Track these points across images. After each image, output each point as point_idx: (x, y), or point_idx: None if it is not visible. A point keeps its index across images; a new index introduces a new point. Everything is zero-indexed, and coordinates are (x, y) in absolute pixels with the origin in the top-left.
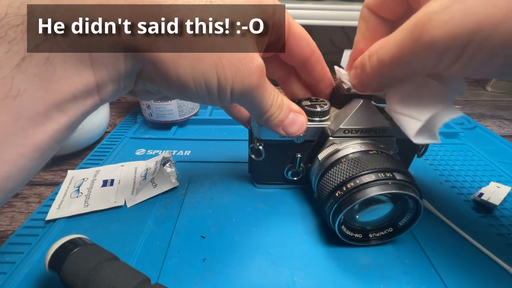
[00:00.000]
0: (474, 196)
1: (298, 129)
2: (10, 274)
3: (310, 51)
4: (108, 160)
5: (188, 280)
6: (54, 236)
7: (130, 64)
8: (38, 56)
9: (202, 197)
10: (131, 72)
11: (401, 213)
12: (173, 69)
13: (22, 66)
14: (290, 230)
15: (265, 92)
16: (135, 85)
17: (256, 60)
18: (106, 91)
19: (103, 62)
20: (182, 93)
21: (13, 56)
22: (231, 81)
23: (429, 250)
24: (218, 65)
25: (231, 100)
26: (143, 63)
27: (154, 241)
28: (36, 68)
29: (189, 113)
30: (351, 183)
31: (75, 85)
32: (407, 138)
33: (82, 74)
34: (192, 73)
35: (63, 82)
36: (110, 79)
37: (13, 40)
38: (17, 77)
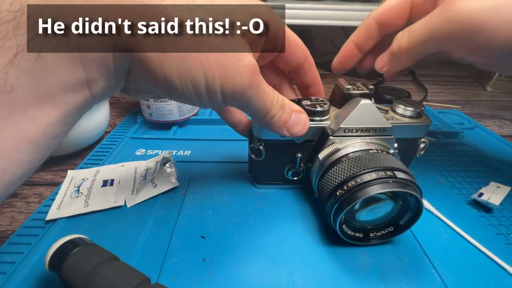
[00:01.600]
0: (474, 196)
1: (301, 129)
2: (10, 274)
3: (304, 57)
4: (108, 160)
5: (188, 280)
6: (54, 236)
7: (119, 62)
8: (30, 52)
9: (202, 197)
10: (121, 70)
11: (402, 212)
12: (159, 67)
13: (15, 62)
14: (290, 230)
15: (261, 92)
16: (126, 82)
17: (246, 58)
18: (97, 87)
19: (93, 59)
20: (170, 92)
21: (6, 52)
22: (219, 81)
23: (429, 250)
24: (205, 64)
25: (224, 101)
26: (130, 61)
27: (154, 241)
28: (28, 63)
29: (189, 113)
30: (352, 182)
31: (66, 80)
32: (407, 138)
33: (72, 70)
34: (178, 72)
35: (54, 77)
36: (99, 75)
37: (6, 36)
38: (10, 72)
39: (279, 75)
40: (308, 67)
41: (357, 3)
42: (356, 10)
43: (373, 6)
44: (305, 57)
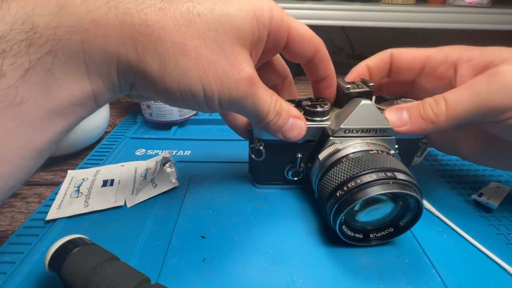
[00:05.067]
0: (474, 196)
1: (297, 134)
2: (10, 274)
3: (313, 50)
4: (108, 160)
5: (188, 280)
6: (54, 236)
7: (123, 77)
8: (40, 68)
9: (202, 197)
10: (125, 84)
11: (402, 213)
12: (161, 82)
13: (25, 77)
14: (290, 230)
15: (257, 101)
16: (129, 92)
17: (244, 70)
18: (103, 98)
19: (99, 75)
20: (171, 102)
21: (18, 68)
22: (217, 93)
23: (429, 250)
24: (203, 78)
25: (221, 109)
26: (134, 76)
27: (154, 241)
28: (38, 78)
29: (189, 113)
30: (352, 183)
31: (74, 93)
32: (407, 138)
33: (80, 84)
34: (179, 86)
35: (62, 91)
36: (105, 89)
37: (18, 53)
38: (21, 86)
39: (281, 75)
40: (319, 60)
41: (357, 3)
42: (356, 10)
43: (373, 6)
44: (315, 49)
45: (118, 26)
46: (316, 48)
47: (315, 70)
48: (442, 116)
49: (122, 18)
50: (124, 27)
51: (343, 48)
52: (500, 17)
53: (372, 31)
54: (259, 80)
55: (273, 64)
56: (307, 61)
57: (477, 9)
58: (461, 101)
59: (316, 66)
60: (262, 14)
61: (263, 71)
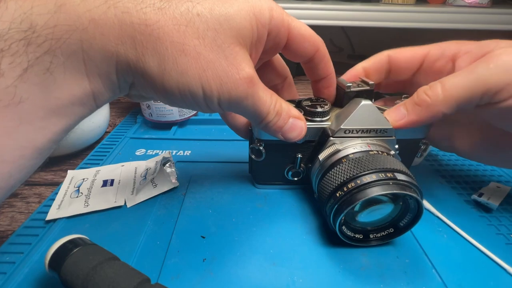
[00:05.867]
0: (474, 196)
1: (297, 135)
2: (10, 274)
3: (313, 49)
4: (108, 160)
5: (188, 280)
6: (54, 236)
7: (122, 77)
8: (39, 67)
9: (202, 197)
10: (124, 83)
11: (402, 214)
12: (159, 82)
13: (24, 76)
14: (290, 230)
15: (257, 101)
16: (129, 91)
17: (243, 70)
18: (102, 98)
19: (98, 74)
20: (171, 101)
21: (16, 67)
22: (216, 93)
23: (429, 250)
24: (203, 78)
25: (220, 109)
26: (133, 76)
27: (154, 241)
28: (37, 77)
29: (189, 113)
30: (352, 183)
31: (73, 93)
32: (407, 138)
33: (79, 84)
34: (178, 85)
35: (62, 90)
36: (105, 89)
37: (16, 52)
38: (20, 86)
39: (281, 75)
40: (319, 59)
41: (357, 3)
42: (356, 10)
43: (373, 6)
44: (315, 49)
45: (117, 25)
46: (316, 47)
47: (315, 69)
48: (437, 98)
49: (121, 17)
50: (123, 26)
51: (343, 48)
52: (500, 17)
53: (372, 31)
54: (258, 80)
55: (273, 64)
56: (307, 60)
57: (477, 9)
58: (458, 82)
59: (316, 65)
60: (261, 14)
61: (263, 71)
